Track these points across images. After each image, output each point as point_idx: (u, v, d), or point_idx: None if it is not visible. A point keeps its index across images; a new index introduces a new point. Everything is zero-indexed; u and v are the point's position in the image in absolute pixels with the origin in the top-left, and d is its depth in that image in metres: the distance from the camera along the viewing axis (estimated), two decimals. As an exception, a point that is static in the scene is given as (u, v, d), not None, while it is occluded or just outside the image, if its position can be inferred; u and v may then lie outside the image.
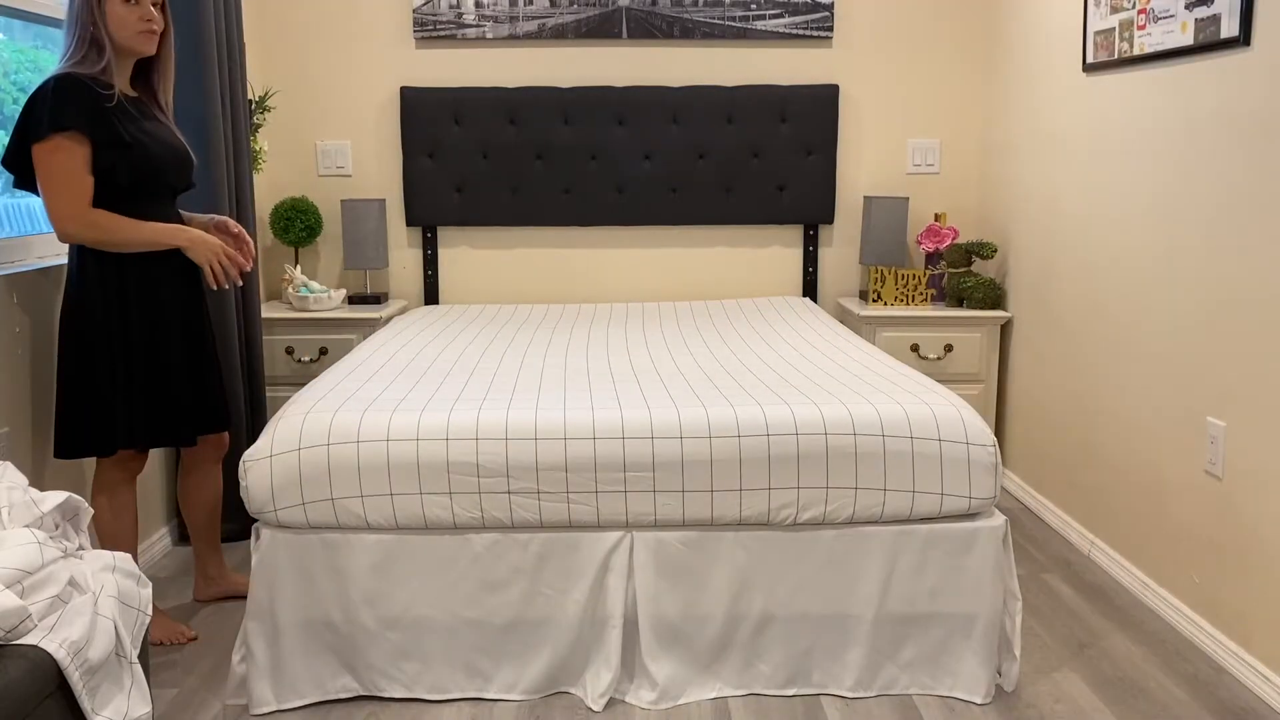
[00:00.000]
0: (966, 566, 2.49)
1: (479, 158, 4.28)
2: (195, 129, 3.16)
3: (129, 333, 2.65)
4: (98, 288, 2.61)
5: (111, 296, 2.62)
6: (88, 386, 2.63)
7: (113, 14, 2.55)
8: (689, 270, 4.43)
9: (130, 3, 2.58)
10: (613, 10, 4.24)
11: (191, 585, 3.09)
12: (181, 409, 2.75)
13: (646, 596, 2.48)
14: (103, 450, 2.67)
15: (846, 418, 2.47)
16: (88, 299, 2.61)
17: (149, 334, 2.68)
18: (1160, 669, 2.69)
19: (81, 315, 2.62)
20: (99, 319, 2.62)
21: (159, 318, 2.69)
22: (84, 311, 2.61)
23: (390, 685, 2.50)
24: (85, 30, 2.54)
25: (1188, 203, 2.85)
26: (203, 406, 2.82)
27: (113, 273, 2.62)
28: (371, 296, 4.20)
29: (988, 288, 4.04)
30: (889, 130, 4.38)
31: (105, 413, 2.64)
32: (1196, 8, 2.77)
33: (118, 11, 2.56)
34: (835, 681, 2.53)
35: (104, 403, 2.64)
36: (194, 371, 2.79)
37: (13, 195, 2.98)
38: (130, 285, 2.64)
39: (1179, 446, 2.90)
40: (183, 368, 2.75)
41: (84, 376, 2.63)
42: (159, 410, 2.71)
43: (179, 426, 2.75)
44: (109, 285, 2.62)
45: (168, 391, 2.72)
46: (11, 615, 1.61)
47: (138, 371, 2.67)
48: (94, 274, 2.61)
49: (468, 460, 2.41)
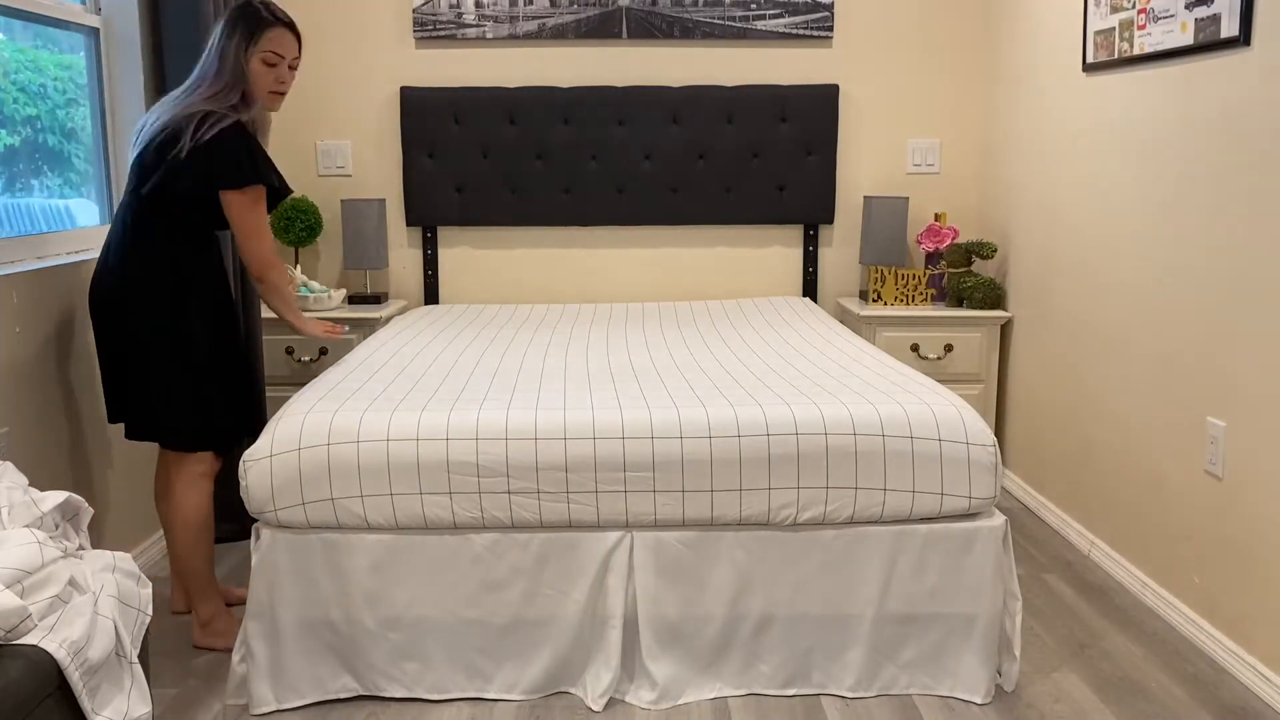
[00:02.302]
0: (966, 566, 2.49)
1: (479, 157, 4.28)
2: (195, 129, 3.16)
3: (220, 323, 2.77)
4: (173, 286, 2.68)
5: (188, 293, 2.70)
6: (207, 379, 2.72)
7: (253, 70, 2.67)
8: (689, 270, 4.43)
9: (270, 65, 2.70)
10: (613, 10, 4.24)
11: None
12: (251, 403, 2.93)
13: (646, 596, 2.48)
14: (226, 443, 2.80)
15: (846, 418, 2.47)
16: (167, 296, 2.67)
17: (229, 326, 2.81)
18: (1160, 669, 2.69)
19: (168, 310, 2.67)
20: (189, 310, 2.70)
21: (229, 312, 2.82)
22: (170, 307, 2.67)
23: (390, 685, 2.50)
24: (237, 80, 2.65)
25: (1188, 202, 2.85)
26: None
27: (186, 273, 2.71)
28: (371, 296, 4.20)
29: (988, 288, 4.04)
30: (889, 130, 4.38)
31: (229, 405, 2.78)
32: (1196, 8, 2.77)
33: (257, 69, 2.68)
34: (835, 681, 2.53)
35: (228, 395, 2.78)
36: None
37: (13, 195, 2.99)
38: (197, 283, 2.73)
39: (1179, 446, 2.90)
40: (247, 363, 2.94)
41: (198, 369, 2.71)
42: (247, 403, 2.88)
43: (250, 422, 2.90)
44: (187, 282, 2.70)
45: (253, 383, 2.94)
46: (11, 615, 1.61)
47: (234, 363, 2.82)
48: (167, 273, 2.68)
49: (468, 460, 2.41)
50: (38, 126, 3.09)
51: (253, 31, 2.67)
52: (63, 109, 3.21)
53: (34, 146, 3.09)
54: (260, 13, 2.70)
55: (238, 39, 2.66)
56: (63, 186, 3.23)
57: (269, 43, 2.69)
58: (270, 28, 2.70)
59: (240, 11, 2.70)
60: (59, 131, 3.19)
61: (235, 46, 2.66)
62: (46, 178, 3.15)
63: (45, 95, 3.12)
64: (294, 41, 2.76)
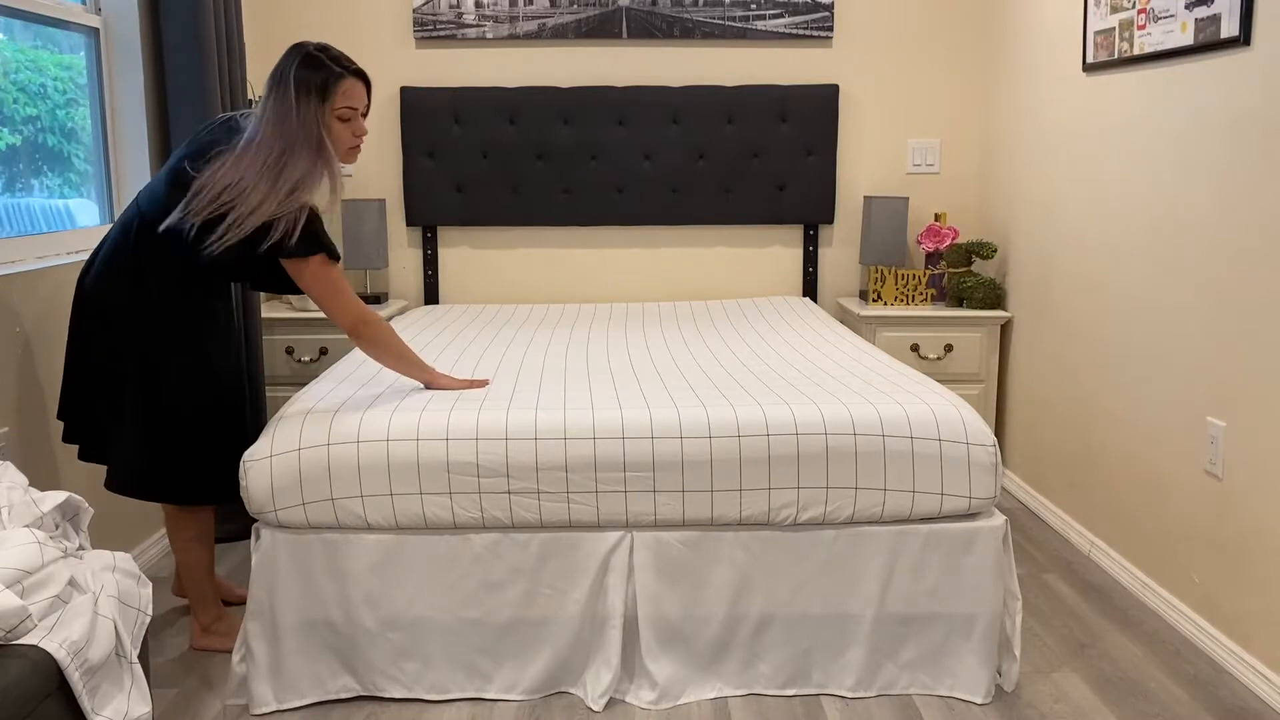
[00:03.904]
0: (966, 566, 2.49)
1: (479, 158, 4.28)
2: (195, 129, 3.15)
3: (222, 369, 2.67)
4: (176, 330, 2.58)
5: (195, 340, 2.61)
6: (211, 428, 2.63)
7: (331, 131, 2.50)
8: (689, 270, 4.43)
9: (345, 121, 2.53)
10: (613, 10, 4.24)
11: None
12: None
13: (646, 596, 2.48)
14: (229, 493, 2.63)
15: (846, 418, 2.47)
16: (174, 338, 2.57)
17: (228, 372, 2.70)
18: (1160, 669, 2.69)
19: (173, 351, 2.57)
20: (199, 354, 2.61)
21: (229, 359, 2.72)
22: (174, 348, 2.57)
23: (390, 685, 2.50)
24: (317, 147, 2.47)
25: (1188, 203, 2.85)
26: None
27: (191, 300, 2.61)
28: (371, 296, 4.20)
29: (988, 288, 4.04)
30: (889, 130, 4.38)
31: (227, 455, 2.64)
32: (1196, 8, 2.77)
33: (334, 128, 2.51)
34: (835, 681, 2.53)
35: (227, 444, 2.66)
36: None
37: (13, 195, 2.99)
38: (204, 328, 2.63)
39: (1179, 446, 2.90)
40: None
41: (204, 418, 2.61)
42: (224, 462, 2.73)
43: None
44: (191, 328, 2.60)
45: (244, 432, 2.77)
46: (11, 615, 1.61)
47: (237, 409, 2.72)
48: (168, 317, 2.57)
49: (468, 460, 2.41)
50: (38, 126, 3.09)
51: (325, 90, 2.46)
52: (63, 109, 3.21)
53: (34, 146, 3.09)
54: (327, 65, 2.47)
55: (314, 99, 2.45)
56: (63, 186, 3.23)
57: (343, 98, 2.49)
58: (340, 80, 2.48)
59: (305, 66, 2.46)
60: (59, 131, 3.19)
61: (306, 110, 2.44)
62: (46, 178, 3.15)
63: (45, 95, 3.12)
64: (364, 91, 2.56)
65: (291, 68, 2.46)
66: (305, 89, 2.45)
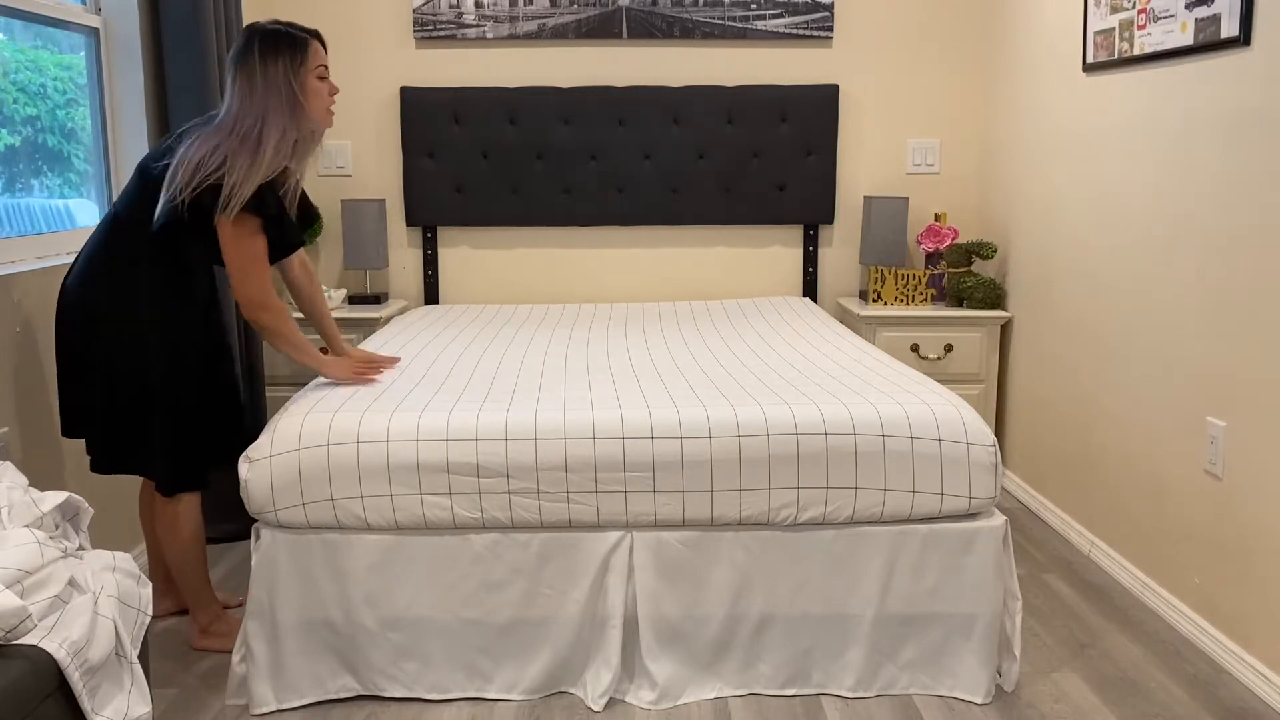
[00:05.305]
0: (966, 566, 2.49)
1: (479, 158, 4.28)
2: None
3: (205, 350, 2.71)
4: (160, 313, 2.59)
5: (178, 320, 2.63)
6: (195, 411, 2.65)
7: (311, 89, 2.56)
8: (689, 270, 4.43)
9: (322, 79, 2.59)
10: (613, 10, 4.24)
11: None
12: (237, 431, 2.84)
13: (646, 596, 2.48)
14: (205, 481, 2.72)
15: (846, 418, 2.47)
16: (152, 323, 2.58)
17: (215, 351, 2.75)
18: (1160, 669, 2.69)
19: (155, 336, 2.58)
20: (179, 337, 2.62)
21: (221, 339, 2.77)
22: (156, 333, 2.58)
23: (390, 685, 2.50)
24: (295, 106, 2.52)
25: (1187, 202, 2.85)
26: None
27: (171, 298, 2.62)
28: (371, 296, 4.20)
29: (988, 288, 4.04)
30: (889, 130, 4.38)
31: (213, 438, 2.70)
32: (1196, 8, 2.77)
33: (315, 87, 2.57)
34: (835, 681, 2.53)
35: (212, 427, 2.71)
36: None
37: (13, 195, 2.99)
38: (185, 308, 2.65)
39: (1179, 446, 2.90)
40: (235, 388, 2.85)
41: (187, 402, 2.63)
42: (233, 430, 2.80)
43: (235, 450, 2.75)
44: (173, 308, 2.61)
45: (237, 412, 2.82)
46: (11, 615, 1.61)
47: (222, 390, 2.76)
48: (152, 300, 2.58)
49: (467, 461, 2.41)
50: (38, 126, 3.09)
51: (299, 51, 2.54)
52: (63, 109, 3.21)
53: (34, 146, 3.09)
54: (292, 32, 2.56)
55: (284, 64, 2.52)
56: (63, 186, 3.23)
57: (315, 57, 2.58)
58: (309, 42, 2.57)
59: (270, 38, 2.54)
60: (59, 131, 3.19)
61: (286, 72, 2.51)
62: (46, 178, 3.15)
63: (45, 95, 3.12)
64: (324, 51, 2.65)
65: (255, 44, 2.53)
66: (275, 58, 2.52)
